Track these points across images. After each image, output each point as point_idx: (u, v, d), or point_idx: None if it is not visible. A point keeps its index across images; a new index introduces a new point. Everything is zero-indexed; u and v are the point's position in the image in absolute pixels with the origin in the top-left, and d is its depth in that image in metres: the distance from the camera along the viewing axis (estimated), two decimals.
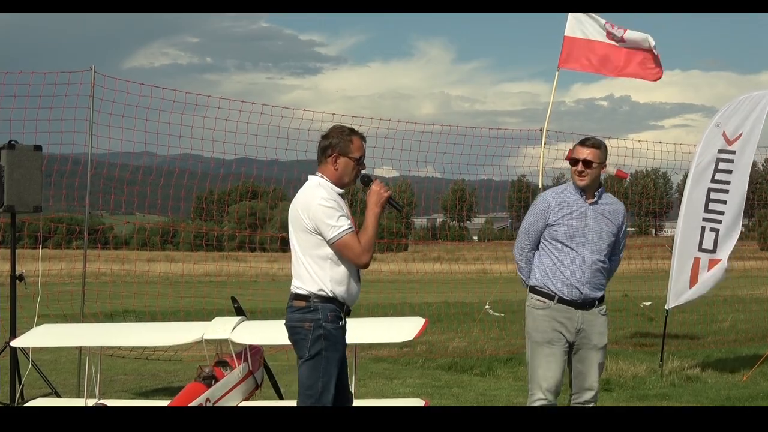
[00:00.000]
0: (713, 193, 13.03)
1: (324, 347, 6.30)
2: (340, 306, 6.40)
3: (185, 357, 14.52)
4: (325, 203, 6.30)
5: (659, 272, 23.28)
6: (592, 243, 7.52)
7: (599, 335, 7.61)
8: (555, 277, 7.52)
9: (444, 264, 25.30)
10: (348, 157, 6.45)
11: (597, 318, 7.61)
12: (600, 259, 7.58)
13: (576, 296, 7.49)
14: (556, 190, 7.80)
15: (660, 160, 17.84)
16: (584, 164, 7.53)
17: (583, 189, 7.58)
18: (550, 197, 7.69)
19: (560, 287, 7.49)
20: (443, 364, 14.76)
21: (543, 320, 7.55)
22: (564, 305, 7.50)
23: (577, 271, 7.49)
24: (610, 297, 27.54)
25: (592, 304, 7.58)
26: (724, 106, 13.37)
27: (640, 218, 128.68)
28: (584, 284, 7.50)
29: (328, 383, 6.30)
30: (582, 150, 7.58)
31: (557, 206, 7.57)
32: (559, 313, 7.51)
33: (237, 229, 31.94)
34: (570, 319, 7.50)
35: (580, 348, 7.58)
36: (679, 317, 20.93)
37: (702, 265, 13.07)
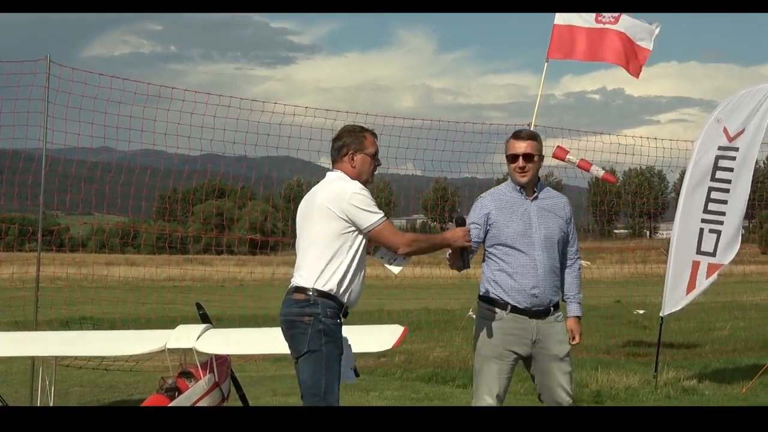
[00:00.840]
0: (714, 193, 13.06)
1: (324, 342, 6.43)
2: (339, 305, 6.57)
3: (146, 367, 14.46)
4: (363, 191, 6.64)
5: (654, 277, 23.35)
6: (541, 243, 7.38)
7: (559, 344, 7.44)
8: (506, 285, 7.34)
9: (424, 268, 25.19)
10: (364, 153, 6.83)
11: (553, 326, 7.45)
12: (552, 259, 7.46)
13: (530, 303, 7.33)
14: (494, 191, 7.66)
15: (655, 157, 17.86)
16: (525, 159, 7.45)
17: (523, 186, 7.49)
18: (488, 199, 7.57)
19: (513, 295, 7.33)
20: (423, 375, 14.75)
21: (494, 333, 7.36)
22: (517, 314, 7.33)
23: (529, 276, 7.33)
24: (601, 302, 27.60)
25: (547, 311, 7.43)
26: (724, 100, 13.41)
27: (633, 219, 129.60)
28: (539, 289, 7.34)
29: (333, 381, 6.43)
30: (519, 144, 7.50)
31: (497, 208, 7.44)
32: (512, 324, 7.33)
33: (202, 230, 31.89)
34: (524, 330, 7.33)
35: (540, 360, 7.41)
36: (675, 325, 21.01)
37: (701, 269, 13.10)
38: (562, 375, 7.40)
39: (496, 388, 7.31)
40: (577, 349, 18.07)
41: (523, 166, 7.43)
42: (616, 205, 30.85)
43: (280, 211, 36.89)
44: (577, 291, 7.80)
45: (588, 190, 73.64)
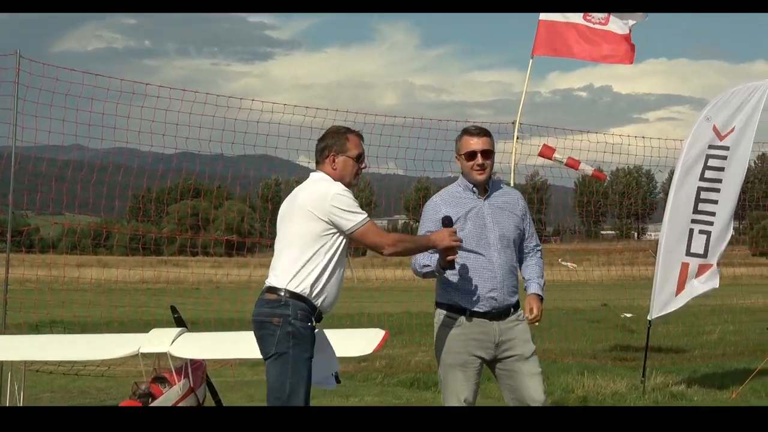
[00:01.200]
0: (703, 193, 13.09)
1: (292, 345, 6.44)
2: (312, 308, 6.56)
3: (119, 372, 14.42)
4: (346, 193, 6.68)
5: (642, 280, 23.44)
6: (497, 243, 7.34)
7: (523, 343, 7.38)
8: (464, 289, 7.30)
9: (406, 270, 25.22)
10: (346, 156, 6.90)
11: (516, 326, 7.40)
12: (510, 258, 7.42)
13: (490, 306, 7.29)
14: (444, 192, 7.60)
15: (643, 156, 17.90)
16: (484, 155, 7.39)
17: (477, 185, 7.42)
18: (439, 201, 7.51)
19: (472, 299, 7.28)
20: (405, 380, 14.76)
21: (455, 341, 7.32)
22: (478, 319, 7.29)
23: (487, 278, 7.29)
24: (588, 306, 27.60)
25: (507, 312, 7.37)
26: (714, 98, 13.46)
27: (621, 220, 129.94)
28: (497, 291, 7.30)
29: (298, 385, 6.41)
30: (476, 140, 7.43)
31: (450, 210, 7.36)
32: (473, 330, 7.29)
33: (177, 231, 31.81)
34: (486, 334, 7.29)
35: (505, 363, 7.37)
36: (663, 329, 21.09)
37: (691, 270, 13.14)
38: (531, 376, 7.34)
39: (464, 395, 7.29)
40: (563, 353, 18.10)
41: (482, 164, 7.37)
42: (603, 205, 30.94)
43: (258, 211, 36.85)
44: (539, 275, 7.71)
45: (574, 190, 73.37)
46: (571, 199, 62.46)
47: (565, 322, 22.91)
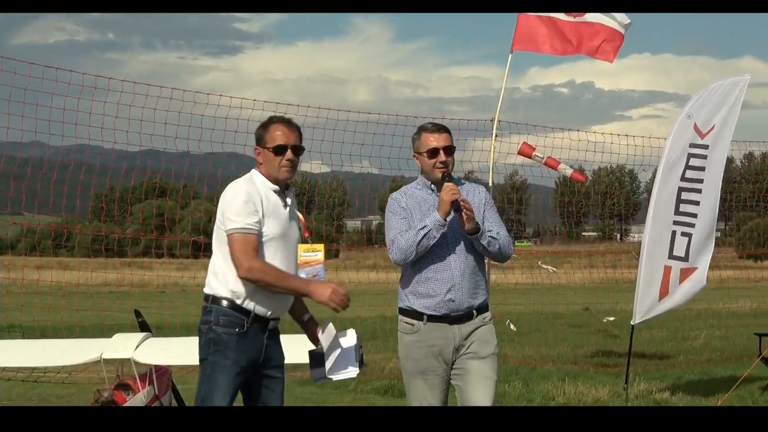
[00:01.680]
0: (684, 193, 13.14)
1: (211, 352, 6.40)
2: (242, 313, 6.45)
3: (80, 379, 14.40)
4: (235, 195, 6.47)
5: (624, 283, 23.55)
6: (455, 243, 7.22)
7: (482, 343, 7.23)
8: (420, 293, 7.21)
9: (380, 272, 25.30)
10: (265, 148, 6.64)
11: (477, 329, 7.24)
12: (469, 258, 7.28)
13: (448, 309, 7.17)
14: (406, 190, 7.48)
15: (626, 155, 17.99)
16: (446, 152, 7.31)
17: (437, 182, 7.29)
18: (403, 198, 7.39)
19: (428, 303, 7.17)
20: (378, 388, 14.78)
21: (413, 347, 7.25)
22: (436, 323, 7.18)
23: (443, 280, 7.17)
24: (569, 310, 27.69)
25: (470, 315, 7.23)
26: (695, 94, 13.54)
27: (603, 221, 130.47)
28: (456, 293, 7.15)
29: (211, 392, 6.34)
30: (437, 137, 7.34)
31: (413, 208, 7.29)
32: (431, 335, 7.18)
33: (142, 231, 31.77)
34: (446, 338, 7.18)
35: (460, 361, 7.22)
36: (647, 334, 21.19)
37: (674, 274, 13.17)
38: (481, 378, 7.14)
39: (428, 404, 7.21)
40: (543, 359, 18.16)
41: (444, 161, 7.28)
42: (584, 206, 31.11)
43: None
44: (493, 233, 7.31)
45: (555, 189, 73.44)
46: (551, 199, 62.65)
47: (545, 327, 23.00)
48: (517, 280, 27.58)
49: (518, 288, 27.03)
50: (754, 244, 55.32)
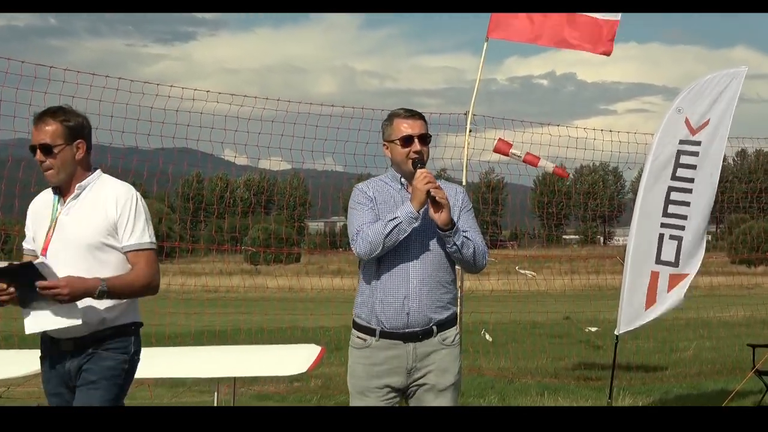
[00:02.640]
0: (674, 194, 13.14)
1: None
2: (42, 340, 6.89)
3: (19, 394, 14.32)
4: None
5: (608, 290, 23.60)
6: (417, 248, 6.82)
7: (440, 373, 6.84)
8: (377, 301, 6.83)
9: (345, 278, 25.17)
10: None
11: (438, 351, 6.85)
12: (434, 266, 6.88)
13: (402, 324, 6.78)
14: (373, 182, 7.15)
15: (611, 152, 18.04)
16: (422, 140, 6.99)
17: (407, 175, 6.99)
18: (367, 188, 7.06)
19: (383, 315, 6.80)
20: (343, 403, 14.77)
21: (359, 364, 6.93)
22: (388, 340, 6.81)
23: (401, 288, 6.80)
24: (548, 319, 27.73)
25: (429, 332, 6.83)
26: (686, 87, 13.55)
27: (585, 224, 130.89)
28: (412, 306, 6.77)
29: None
30: (411, 123, 7.05)
31: (381, 202, 6.95)
32: (380, 353, 6.82)
33: None
34: (397, 358, 6.80)
35: (414, 395, 6.88)
36: (632, 345, 21.26)
37: (662, 281, 13.17)
38: None
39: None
40: (521, 372, 18.19)
41: (419, 150, 6.96)
42: (565, 206, 31.17)
43: (177, 211, 36.64)
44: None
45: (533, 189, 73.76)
46: (530, 199, 62.68)
47: (522, 337, 23.05)
48: (493, 287, 27.63)
49: (494, 295, 27.07)
50: (747, 249, 55.46)
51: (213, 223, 31.69)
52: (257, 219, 40.47)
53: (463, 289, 14.85)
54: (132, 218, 6.58)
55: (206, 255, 44.80)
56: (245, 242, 56.82)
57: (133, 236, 6.57)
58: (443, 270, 6.94)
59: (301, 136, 16.41)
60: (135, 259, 6.57)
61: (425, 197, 6.70)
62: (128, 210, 6.58)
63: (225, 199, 38.83)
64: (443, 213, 6.72)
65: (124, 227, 6.55)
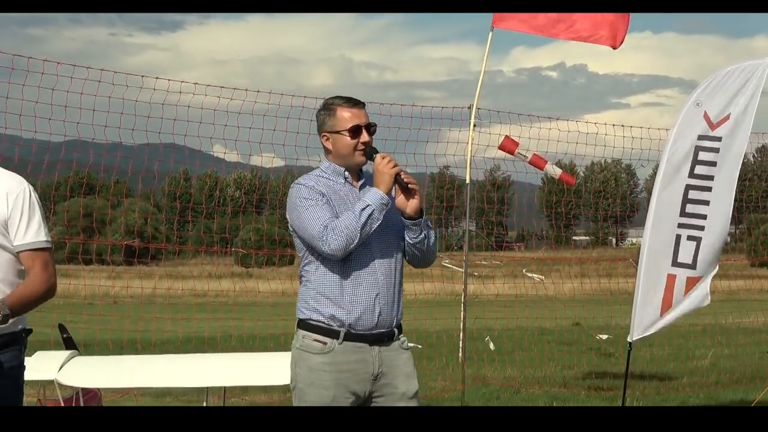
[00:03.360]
0: (692, 192, 13.09)
1: None
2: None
3: None
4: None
5: (621, 294, 23.57)
6: (378, 240, 6.72)
7: (406, 379, 6.82)
8: (346, 300, 6.67)
9: None
10: None
11: (399, 355, 6.84)
12: (394, 261, 6.84)
13: (373, 324, 6.67)
14: (313, 177, 6.93)
15: (623, 148, 18.04)
16: (369, 131, 6.87)
17: (351, 169, 6.90)
18: (314, 183, 6.83)
19: (353, 315, 6.66)
20: None
21: (322, 372, 6.66)
22: (354, 342, 6.67)
23: (370, 284, 6.69)
24: (557, 325, 27.77)
25: (391, 334, 6.80)
26: (705, 79, 13.52)
27: (596, 224, 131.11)
28: (383, 302, 6.70)
29: None
30: (358, 112, 6.88)
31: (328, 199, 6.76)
32: (347, 358, 6.66)
33: (66, 234, 31.59)
34: (364, 363, 6.69)
35: (384, 403, 6.77)
36: (646, 352, 21.27)
37: (678, 284, 13.11)
38: None
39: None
40: (528, 382, 18.18)
41: (368, 142, 6.85)
42: (575, 206, 31.22)
43: (164, 211, 36.59)
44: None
45: (541, 188, 74.35)
46: (537, 198, 62.68)
47: (529, 345, 23.04)
48: (498, 291, 27.62)
49: (499, 300, 27.05)
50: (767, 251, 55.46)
51: (201, 224, 31.68)
52: (248, 219, 40.41)
53: (467, 294, 14.86)
54: (26, 215, 6.36)
55: (194, 257, 44.75)
56: (236, 244, 56.77)
57: (27, 235, 6.36)
58: (400, 265, 6.92)
59: (295, 131, 16.41)
60: (30, 261, 6.39)
61: (392, 182, 6.65)
62: (21, 206, 6.35)
63: (214, 197, 38.95)
64: (415, 200, 6.69)
65: (16, 225, 6.35)
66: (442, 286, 23.32)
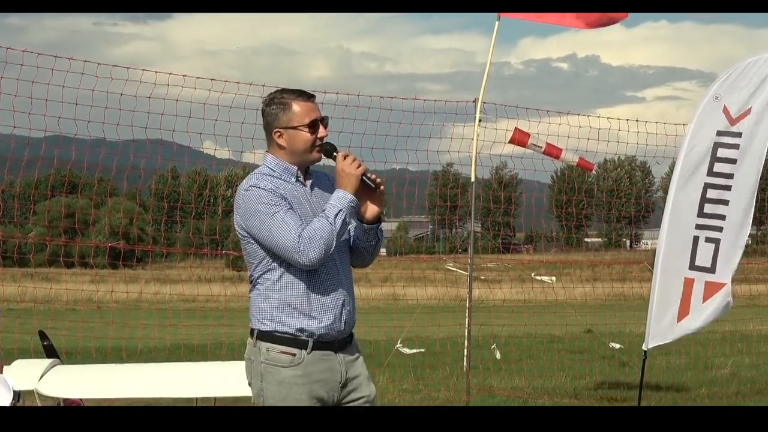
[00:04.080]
0: (711, 191, 13.07)
1: None
2: None
3: None
4: None
5: (635, 299, 23.61)
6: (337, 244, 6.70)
7: (368, 383, 6.91)
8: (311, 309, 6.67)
9: None
10: None
11: (357, 359, 6.92)
12: (348, 263, 6.92)
13: (338, 331, 6.73)
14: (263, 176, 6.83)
15: (638, 144, 18.02)
16: (325, 125, 6.90)
17: (303, 166, 6.88)
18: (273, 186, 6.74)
19: (319, 325, 6.67)
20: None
21: (295, 385, 6.63)
22: (322, 351, 6.69)
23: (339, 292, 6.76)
24: (567, 332, 27.86)
25: (351, 338, 6.90)
26: (725, 71, 13.51)
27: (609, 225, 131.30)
28: (349, 307, 6.80)
29: None
30: (313, 106, 6.92)
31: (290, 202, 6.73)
32: (317, 367, 6.67)
33: (47, 236, 31.58)
34: (332, 371, 6.73)
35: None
36: (662, 361, 21.25)
37: (697, 289, 13.08)
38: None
39: None
40: (537, 392, 18.20)
41: (324, 136, 6.87)
42: (587, 206, 31.19)
43: (150, 211, 36.63)
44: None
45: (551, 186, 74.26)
46: (547, 197, 62.65)
47: (538, 353, 23.03)
48: (506, 296, 27.61)
49: (506, 305, 27.04)
50: None
51: (190, 224, 31.63)
52: None
53: (472, 299, 14.86)
54: None
55: (183, 260, 44.61)
56: (227, 246, 56.70)
57: None
58: (351, 269, 6.98)
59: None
60: None
61: (358, 183, 6.66)
62: None
63: (204, 197, 38.92)
64: (376, 206, 6.77)
65: None
66: (446, 291, 23.32)
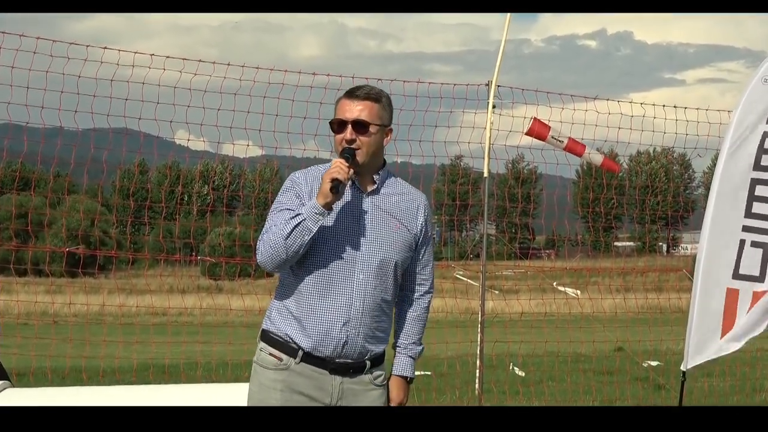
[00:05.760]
0: (759, 187, 13.01)
1: None
2: None
3: None
4: None
5: (673, 312, 23.62)
6: (368, 260, 6.91)
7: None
8: (305, 315, 6.88)
9: None
10: None
11: (367, 392, 7.03)
12: (382, 288, 7.00)
13: (335, 350, 6.88)
14: (313, 171, 7.25)
15: (676, 134, 17.99)
16: (356, 128, 7.05)
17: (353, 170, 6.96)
18: (302, 179, 7.17)
19: (312, 336, 6.86)
20: None
21: (272, 390, 6.95)
22: (312, 366, 6.90)
23: (341, 306, 6.87)
24: (595, 350, 28.04)
25: (361, 366, 7.00)
26: None
27: (643, 227, 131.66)
28: (352, 329, 6.88)
29: None
30: (350, 105, 7.16)
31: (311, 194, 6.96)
32: (302, 380, 6.90)
33: None
34: (320, 390, 6.92)
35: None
36: (703, 383, 21.27)
37: (742, 300, 13.01)
38: None
39: None
40: None
41: (351, 140, 7.05)
42: (617, 205, 31.27)
43: (114, 211, 36.68)
44: (416, 340, 7.42)
45: (576, 182, 74.16)
46: (571, 195, 62.52)
47: (562, 374, 23.07)
48: (524, 309, 27.63)
49: (525, 319, 27.10)
50: None
51: (160, 226, 31.68)
52: (218, 221, 40.50)
53: (484, 312, 14.87)
54: None
55: (152, 267, 44.56)
56: (202, 251, 56.83)
57: None
58: (385, 291, 7.03)
59: (274, 113, 16.36)
60: None
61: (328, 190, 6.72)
62: None
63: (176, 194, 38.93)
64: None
65: None
66: (455, 303, 23.31)
